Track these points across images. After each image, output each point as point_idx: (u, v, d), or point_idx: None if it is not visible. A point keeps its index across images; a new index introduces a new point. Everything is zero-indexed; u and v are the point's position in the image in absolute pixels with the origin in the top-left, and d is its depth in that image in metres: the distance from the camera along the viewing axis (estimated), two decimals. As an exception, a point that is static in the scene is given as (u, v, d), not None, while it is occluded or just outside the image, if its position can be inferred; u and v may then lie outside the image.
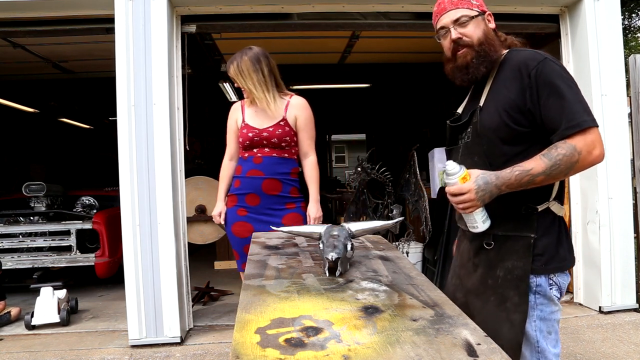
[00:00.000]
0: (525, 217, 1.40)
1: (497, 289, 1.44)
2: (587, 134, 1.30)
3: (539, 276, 1.40)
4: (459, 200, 1.35)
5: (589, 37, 3.52)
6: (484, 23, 1.47)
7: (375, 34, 4.81)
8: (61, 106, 8.19)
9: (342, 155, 19.46)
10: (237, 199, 2.50)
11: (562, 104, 1.31)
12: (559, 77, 1.34)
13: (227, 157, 2.64)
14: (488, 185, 1.32)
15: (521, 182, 1.32)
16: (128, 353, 3.09)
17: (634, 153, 3.73)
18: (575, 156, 1.29)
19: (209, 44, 5.17)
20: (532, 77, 1.34)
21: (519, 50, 1.46)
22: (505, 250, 1.43)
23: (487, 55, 1.44)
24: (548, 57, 1.36)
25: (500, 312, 1.42)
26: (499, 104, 1.40)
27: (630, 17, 10.06)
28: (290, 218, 2.47)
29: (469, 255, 1.56)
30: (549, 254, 1.40)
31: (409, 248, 4.41)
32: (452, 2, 1.47)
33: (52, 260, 4.31)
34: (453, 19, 1.46)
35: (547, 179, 1.32)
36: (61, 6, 3.34)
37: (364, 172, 4.07)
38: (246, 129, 2.47)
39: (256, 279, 1.30)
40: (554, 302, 1.43)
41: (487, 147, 1.42)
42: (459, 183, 1.34)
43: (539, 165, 1.30)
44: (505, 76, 1.42)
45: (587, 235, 3.66)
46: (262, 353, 0.82)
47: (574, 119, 1.30)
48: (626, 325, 3.28)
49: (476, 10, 1.46)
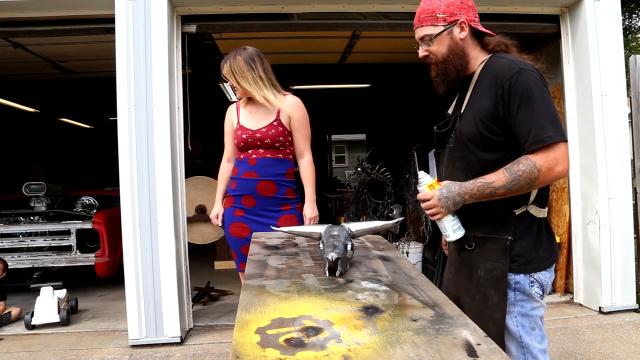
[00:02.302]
0: (503, 220, 1.44)
1: (480, 288, 1.49)
2: (551, 150, 1.31)
3: (518, 274, 1.44)
4: (425, 206, 1.44)
5: (589, 38, 3.52)
6: (449, 37, 1.47)
7: (376, 34, 4.80)
8: (61, 106, 8.19)
9: (342, 155, 19.47)
10: (234, 200, 2.51)
11: (531, 118, 1.32)
12: (531, 89, 1.33)
13: (224, 159, 2.66)
14: (451, 193, 1.40)
15: (483, 193, 1.36)
16: (128, 353, 3.09)
17: (634, 153, 3.73)
18: (535, 173, 1.32)
19: (209, 44, 5.18)
20: (506, 89, 1.35)
21: (500, 57, 1.45)
22: (485, 252, 1.47)
23: (448, 74, 1.48)
24: (524, 68, 1.36)
25: (484, 310, 1.48)
26: (475, 113, 1.43)
27: (631, 17, 10.06)
28: (285, 219, 2.46)
29: (455, 254, 1.61)
30: (528, 255, 1.44)
31: (409, 248, 4.41)
32: (419, 18, 1.50)
33: (52, 260, 4.31)
34: (419, 36, 1.51)
35: (508, 192, 1.35)
36: (61, 6, 3.34)
37: (364, 172, 4.07)
38: (240, 130, 2.48)
39: (256, 279, 1.30)
40: (535, 298, 1.46)
41: (465, 154, 1.46)
42: (425, 190, 1.45)
43: (500, 179, 1.34)
44: (484, 84, 1.44)
45: (587, 235, 3.66)
46: (262, 353, 0.82)
47: (539, 134, 1.31)
48: (626, 325, 3.28)
49: (442, 26, 1.46)
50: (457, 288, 1.60)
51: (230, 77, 2.42)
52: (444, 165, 1.55)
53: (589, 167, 3.60)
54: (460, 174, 1.46)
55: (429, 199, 1.43)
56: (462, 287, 1.57)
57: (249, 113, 2.51)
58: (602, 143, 3.51)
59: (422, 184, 1.46)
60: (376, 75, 7.62)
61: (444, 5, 1.46)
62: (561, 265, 3.99)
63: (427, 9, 1.48)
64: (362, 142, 14.08)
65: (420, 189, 1.47)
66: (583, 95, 3.63)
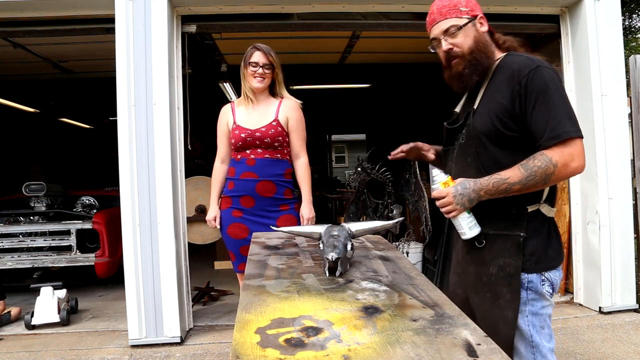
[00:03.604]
0: (515, 217, 1.44)
1: (491, 286, 1.48)
2: (567, 146, 1.32)
3: (530, 273, 1.44)
4: (440, 204, 1.42)
5: (589, 38, 3.52)
6: (474, 29, 1.47)
7: (376, 34, 4.80)
8: (61, 106, 8.19)
9: (342, 155, 19.47)
10: (232, 201, 2.50)
11: (548, 114, 1.34)
12: (548, 86, 1.35)
13: (218, 160, 2.63)
14: (466, 190, 1.39)
15: (499, 189, 1.36)
16: (128, 353, 3.09)
17: (634, 153, 3.73)
18: (551, 168, 1.32)
19: (209, 44, 5.18)
20: (523, 85, 1.36)
21: (515, 55, 1.47)
22: (497, 249, 1.47)
23: (478, 64, 1.46)
24: (541, 65, 1.38)
25: (495, 309, 1.46)
26: (491, 109, 1.43)
27: (631, 17, 10.06)
28: (284, 220, 2.48)
29: (463, 254, 1.60)
30: (539, 255, 1.44)
31: (409, 248, 4.41)
32: (440, 12, 1.48)
33: (52, 260, 4.30)
34: (443, 29, 1.47)
35: (523, 189, 1.36)
36: (61, 6, 3.34)
37: (364, 172, 4.07)
38: (238, 129, 2.47)
39: (256, 279, 1.30)
40: (545, 297, 1.47)
41: (479, 150, 1.45)
42: (440, 187, 1.43)
43: (515, 175, 1.34)
44: (500, 81, 1.44)
45: (587, 235, 3.66)
46: (262, 353, 0.82)
47: (556, 130, 1.32)
48: (626, 325, 3.28)
49: (466, 18, 1.46)
50: (466, 287, 1.59)
51: (272, 58, 2.45)
52: (453, 162, 1.54)
53: (589, 167, 3.58)
54: (472, 169, 1.45)
55: (444, 197, 1.41)
56: (471, 286, 1.56)
57: (247, 113, 2.51)
58: (602, 143, 3.51)
59: (436, 181, 1.45)
60: (376, 75, 7.62)
61: (463, 0, 1.48)
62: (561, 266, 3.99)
63: (449, 4, 1.48)
64: (362, 142, 14.08)
65: (434, 187, 1.46)
66: (583, 95, 3.63)
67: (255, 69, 2.44)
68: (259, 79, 2.45)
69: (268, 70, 2.45)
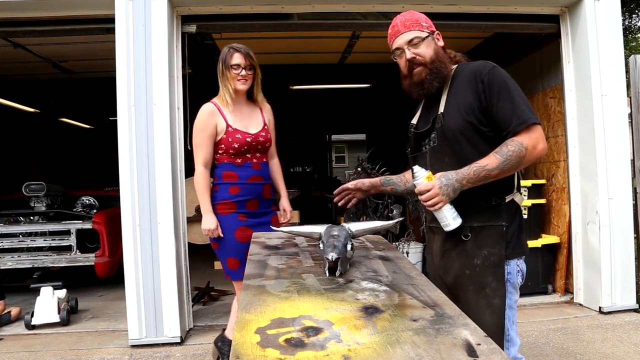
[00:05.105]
0: (495, 208, 1.56)
1: (476, 277, 1.56)
2: (532, 131, 1.47)
3: (509, 263, 1.55)
4: (426, 197, 1.48)
5: (589, 38, 3.52)
6: (434, 42, 1.63)
7: (376, 34, 4.78)
8: (61, 106, 8.18)
9: (342, 155, 19.48)
10: (237, 206, 2.44)
11: (512, 105, 1.49)
12: (506, 82, 1.51)
13: (202, 165, 2.43)
14: (449, 180, 1.47)
15: (479, 176, 1.47)
16: (128, 353, 3.09)
17: (634, 153, 3.73)
18: (523, 152, 1.45)
19: (209, 44, 5.17)
20: (486, 83, 1.51)
21: (468, 63, 1.64)
22: (481, 239, 1.56)
23: (438, 72, 1.60)
24: (496, 65, 1.55)
25: (480, 299, 1.54)
26: (460, 108, 1.55)
27: (631, 17, 10.07)
28: (274, 219, 2.58)
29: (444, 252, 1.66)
30: (515, 241, 1.57)
31: (409, 248, 4.41)
32: (404, 25, 1.63)
33: (52, 260, 4.30)
34: (407, 40, 1.62)
35: (501, 173, 1.47)
36: (61, 6, 3.34)
37: (364, 172, 4.08)
38: (239, 134, 2.42)
39: (256, 279, 1.30)
40: (517, 290, 1.58)
41: (455, 148, 1.55)
42: (424, 182, 1.50)
43: (493, 161, 1.46)
44: (460, 85, 1.58)
45: (587, 235, 3.66)
46: (262, 353, 0.82)
47: (521, 117, 1.47)
48: (626, 325, 3.28)
49: (426, 32, 1.62)
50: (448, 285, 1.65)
51: (255, 63, 2.43)
52: (427, 165, 1.62)
53: (589, 167, 3.60)
54: (450, 168, 1.51)
55: (429, 189, 1.47)
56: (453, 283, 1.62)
57: (236, 116, 2.46)
58: (602, 143, 3.51)
59: (419, 177, 1.51)
60: (376, 75, 7.61)
61: (423, 18, 1.66)
62: (561, 265, 3.99)
63: (411, 18, 1.64)
64: (362, 142, 14.08)
65: (417, 183, 1.51)
66: (583, 95, 3.63)
67: (238, 72, 2.39)
68: (242, 80, 2.41)
69: (250, 72, 2.42)
